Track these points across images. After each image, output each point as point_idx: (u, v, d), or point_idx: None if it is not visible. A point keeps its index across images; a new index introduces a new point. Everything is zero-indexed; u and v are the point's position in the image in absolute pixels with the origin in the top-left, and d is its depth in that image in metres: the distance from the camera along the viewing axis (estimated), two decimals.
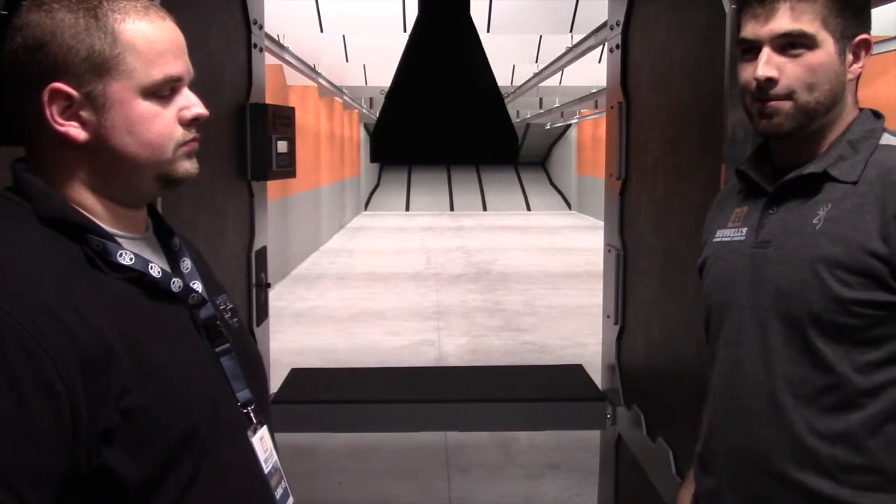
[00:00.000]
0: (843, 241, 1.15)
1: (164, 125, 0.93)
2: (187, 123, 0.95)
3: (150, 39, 0.91)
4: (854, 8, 1.21)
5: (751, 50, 1.22)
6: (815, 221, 1.19)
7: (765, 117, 1.22)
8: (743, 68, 1.24)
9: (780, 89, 1.19)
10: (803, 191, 1.23)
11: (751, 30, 1.21)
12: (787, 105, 1.20)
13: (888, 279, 1.13)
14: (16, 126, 0.93)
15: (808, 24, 1.18)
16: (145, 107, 0.92)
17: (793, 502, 1.19)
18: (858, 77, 1.25)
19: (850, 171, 1.20)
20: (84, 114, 0.90)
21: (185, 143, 0.95)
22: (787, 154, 1.28)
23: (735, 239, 1.30)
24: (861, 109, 1.27)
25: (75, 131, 0.90)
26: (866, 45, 1.23)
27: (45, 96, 0.88)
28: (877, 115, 1.27)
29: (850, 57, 1.22)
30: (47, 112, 0.89)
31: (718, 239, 1.35)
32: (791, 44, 1.19)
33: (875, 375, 1.15)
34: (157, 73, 0.91)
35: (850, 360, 1.16)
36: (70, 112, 0.90)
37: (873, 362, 1.15)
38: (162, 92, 0.93)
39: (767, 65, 1.19)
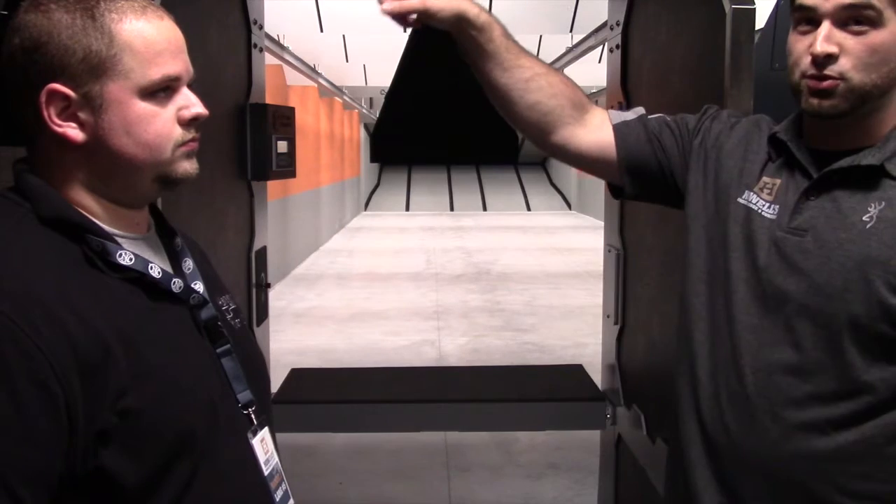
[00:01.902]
0: None
1: (163, 125, 0.93)
2: (186, 123, 0.95)
3: (148, 39, 0.91)
4: None
5: (808, 21, 1.13)
6: (865, 219, 1.11)
7: (817, 97, 1.13)
8: (796, 40, 1.15)
9: (836, 68, 1.10)
10: (852, 182, 1.14)
11: None
12: (839, 85, 1.11)
13: None
14: (16, 126, 0.93)
15: None
16: (143, 107, 0.91)
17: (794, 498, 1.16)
18: None
19: None
20: (82, 114, 0.90)
21: (184, 144, 0.95)
22: (826, 135, 1.19)
23: (764, 213, 1.21)
24: None
25: (73, 132, 0.90)
26: None
27: (43, 97, 0.88)
28: None
29: None
30: (45, 113, 0.89)
31: (744, 202, 1.24)
32: (855, 18, 1.09)
33: None
34: (155, 73, 0.91)
35: (879, 371, 1.10)
36: (68, 113, 0.89)
37: None
38: (160, 92, 0.92)
39: (827, 40, 1.10)
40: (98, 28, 0.89)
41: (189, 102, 0.95)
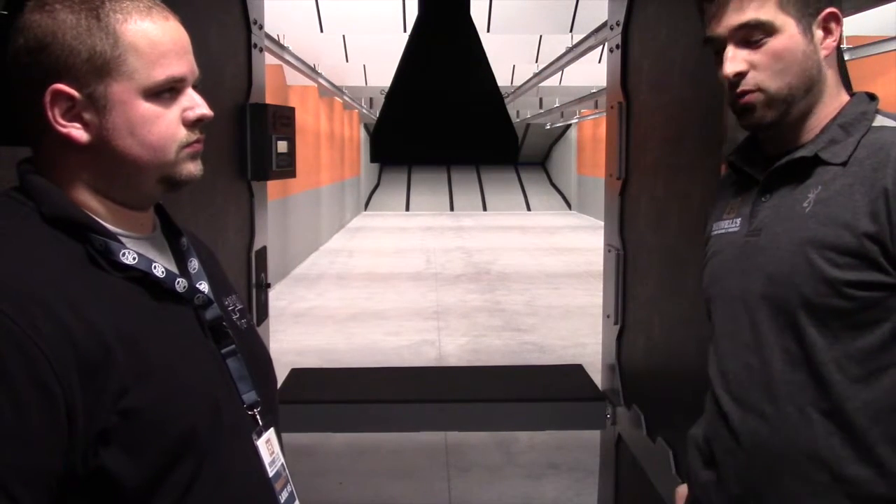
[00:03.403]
0: (832, 221, 1.13)
1: (167, 126, 0.92)
2: (191, 124, 0.94)
3: (153, 40, 0.90)
4: None
5: (719, 52, 1.22)
6: (805, 205, 1.17)
7: (745, 113, 1.21)
8: (718, 70, 1.23)
9: (748, 82, 1.19)
10: (795, 176, 1.21)
11: (711, 29, 1.22)
12: (759, 97, 1.19)
13: (879, 258, 1.10)
14: (21, 127, 0.93)
15: (759, 11, 1.17)
16: (147, 108, 0.91)
17: (795, 491, 1.18)
18: (839, 51, 1.23)
19: (841, 152, 1.18)
20: (86, 115, 0.89)
21: (188, 145, 0.94)
22: (775, 142, 1.26)
23: (730, 230, 1.30)
24: (855, 93, 1.25)
25: (77, 133, 0.89)
26: (835, 18, 1.20)
27: (47, 98, 0.88)
28: (871, 97, 1.24)
29: (819, 33, 1.20)
30: (49, 113, 0.88)
31: (716, 232, 1.34)
32: (750, 35, 1.18)
33: (869, 362, 1.13)
34: (159, 73, 0.90)
35: (843, 347, 1.13)
36: (72, 113, 0.89)
37: (868, 348, 1.13)
38: (165, 93, 0.92)
39: (732, 61, 1.19)
40: (103, 28, 0.88)
41: (194, 103, 0.94)
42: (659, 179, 2.33)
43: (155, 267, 0.93)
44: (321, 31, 7.17)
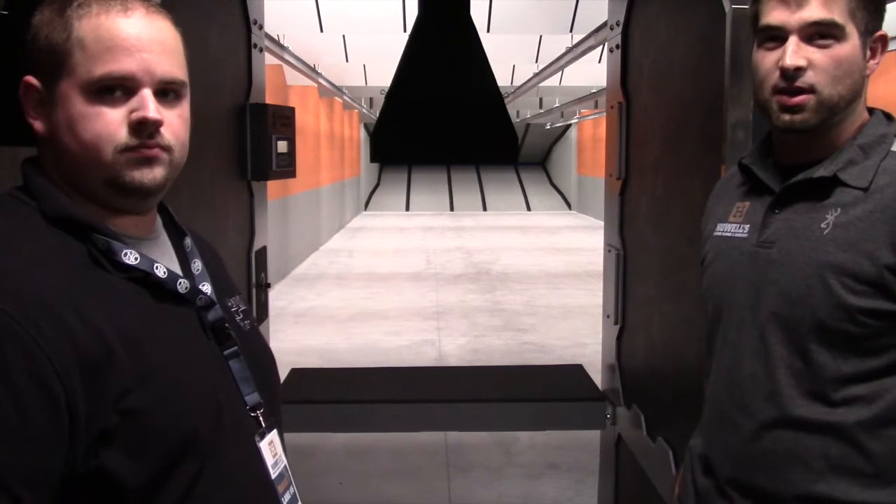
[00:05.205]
0: (852, 248, 1.13)
1: (104, 126, 0.88)
2: (135, 127, 0.88)
3: (101, 35, 0.88)
4: (877, 2, 1.19)
5: (774, 38, 1.18)
6: (823, 226, 1.17)
7: (788, 112, 1.18)
8: (763, 57, 1.20)
9: (806, 80, 1.16)
10: (811, 193, 1.20)
11: (778, 16, 1.17)
12: (811, 99, 1.16)
13: None
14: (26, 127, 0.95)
15: (839, 14, 1.14)
16: (85, 105, 0.88)
17: (791, 498, 1.19)
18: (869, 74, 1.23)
19: (861, 176, 1.17)
20: (46, 109, 0.90)
21: (130, 149, 0.88)
22: (793, 151, 1.24)
23: (736, 235, 1.28)
24: (872, 111, 1.24)
25: (38, 125, 0.91)
26: (883, 42, 1.20)
27: (21, 89, 0.90)
28: (889, 119, 1.23)
29: (867, 52, 1.19)
30: (24, 105, 0.91)
31: (719, 233, 1.32)
32: (820, 34, 1.15)
33: (873, 384, 1.14)
34: (98, 70, 0.87)
35: (849, 368, 1.14)
36: (39, 106, 0.91)
37: (873, 371, 1.14)
38: (114, 91, 0.88)
39: (797, 53, 1.15)
40: (62, 23, 0.89)
41: (139, 105, 0.88)
42: (659, 179, 2.33)
43: (157, 268, 0.92)
44: (321, 31, 7.17)
